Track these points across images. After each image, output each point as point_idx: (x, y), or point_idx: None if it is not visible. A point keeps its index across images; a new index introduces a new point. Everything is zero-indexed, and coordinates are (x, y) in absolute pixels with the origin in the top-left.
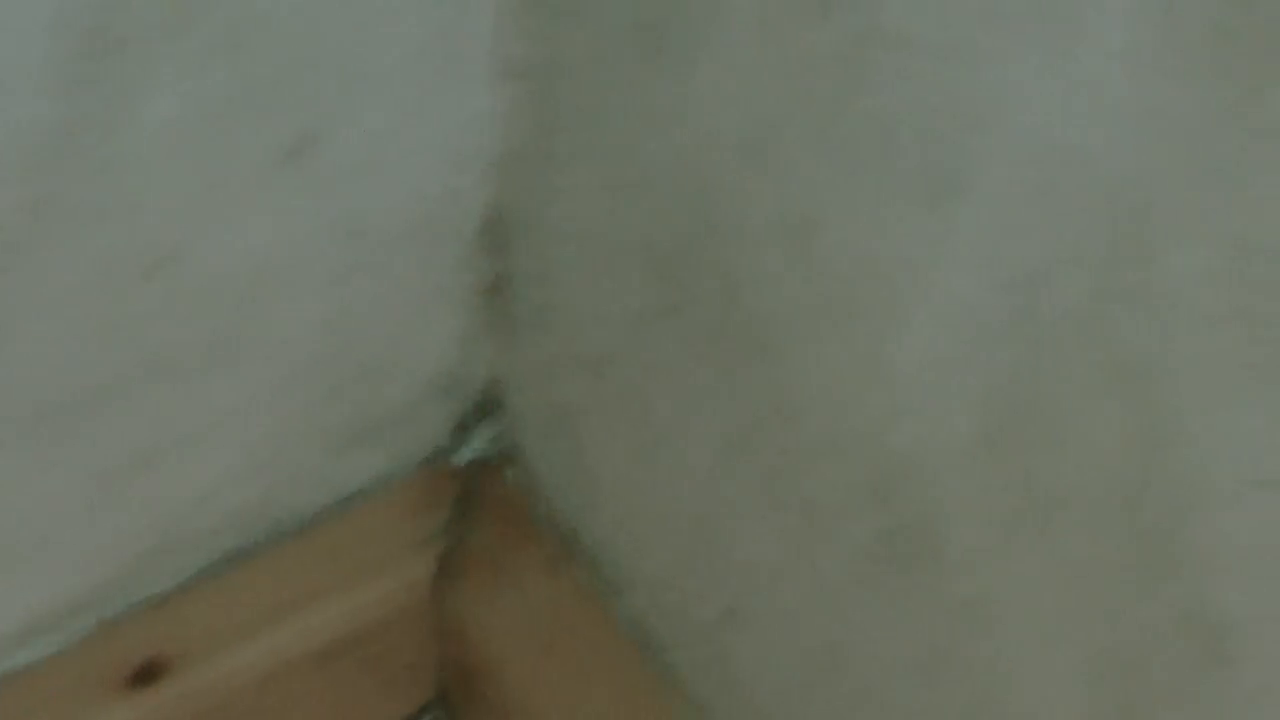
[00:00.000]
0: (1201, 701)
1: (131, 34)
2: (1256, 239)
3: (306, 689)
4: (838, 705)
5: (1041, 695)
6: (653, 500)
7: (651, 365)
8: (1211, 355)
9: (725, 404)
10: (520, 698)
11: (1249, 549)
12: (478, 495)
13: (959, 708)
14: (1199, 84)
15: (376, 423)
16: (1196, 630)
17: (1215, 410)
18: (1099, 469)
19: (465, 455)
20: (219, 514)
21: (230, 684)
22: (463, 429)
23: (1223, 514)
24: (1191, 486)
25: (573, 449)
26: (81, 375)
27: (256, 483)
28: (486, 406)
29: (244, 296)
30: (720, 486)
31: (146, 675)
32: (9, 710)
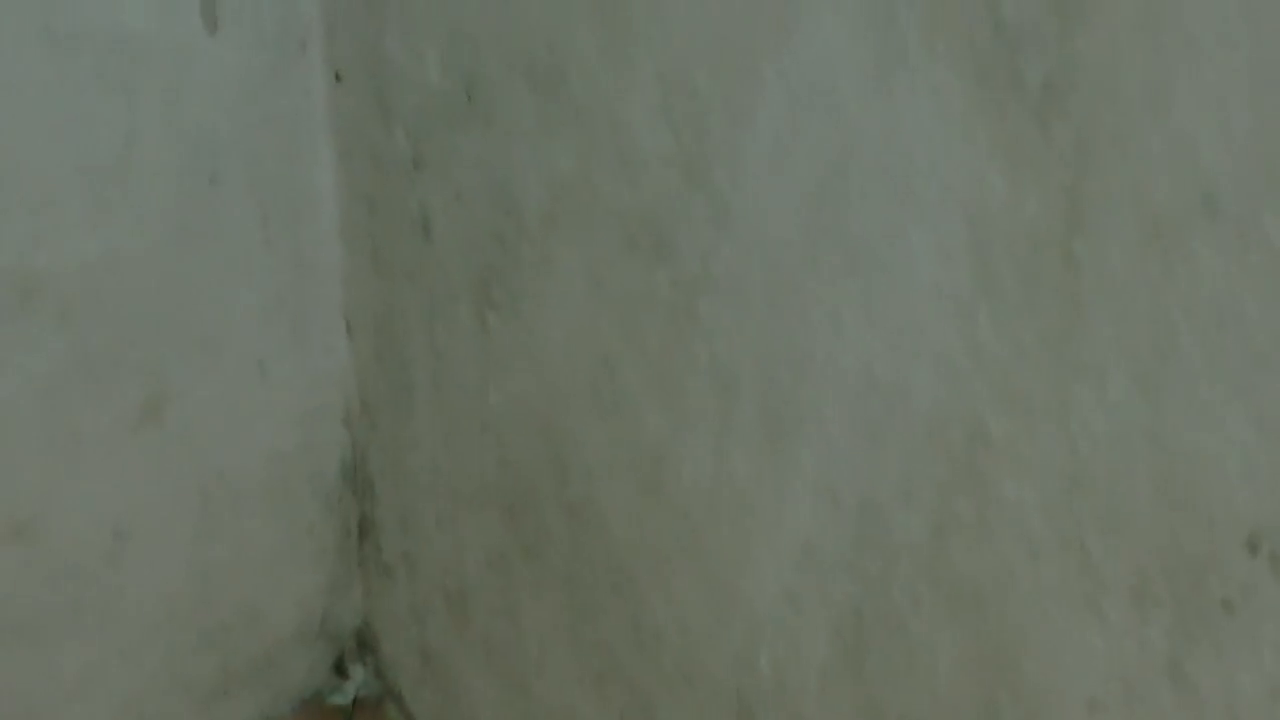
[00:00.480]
0: None
1: None
2: (1082, 471)
3: None
4: None
5: None
6: None
7: (512, 604)
8: (1046, 584)
9: (587, 638)
10: None
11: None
12: None
13: None
14: (1014, 324)
15: (249, 670)
16: None
17: (1051, 636)
18: (950, 689)
19: (344, 697)
20: None
21: None
22: (339, 671)
23: (1065, 691)
24: (1033, 708)
25: (445, 687)
26: None
27: None
28: (362, 648)
29: (104, 558)
30: (589, 718)
31: None
32: None
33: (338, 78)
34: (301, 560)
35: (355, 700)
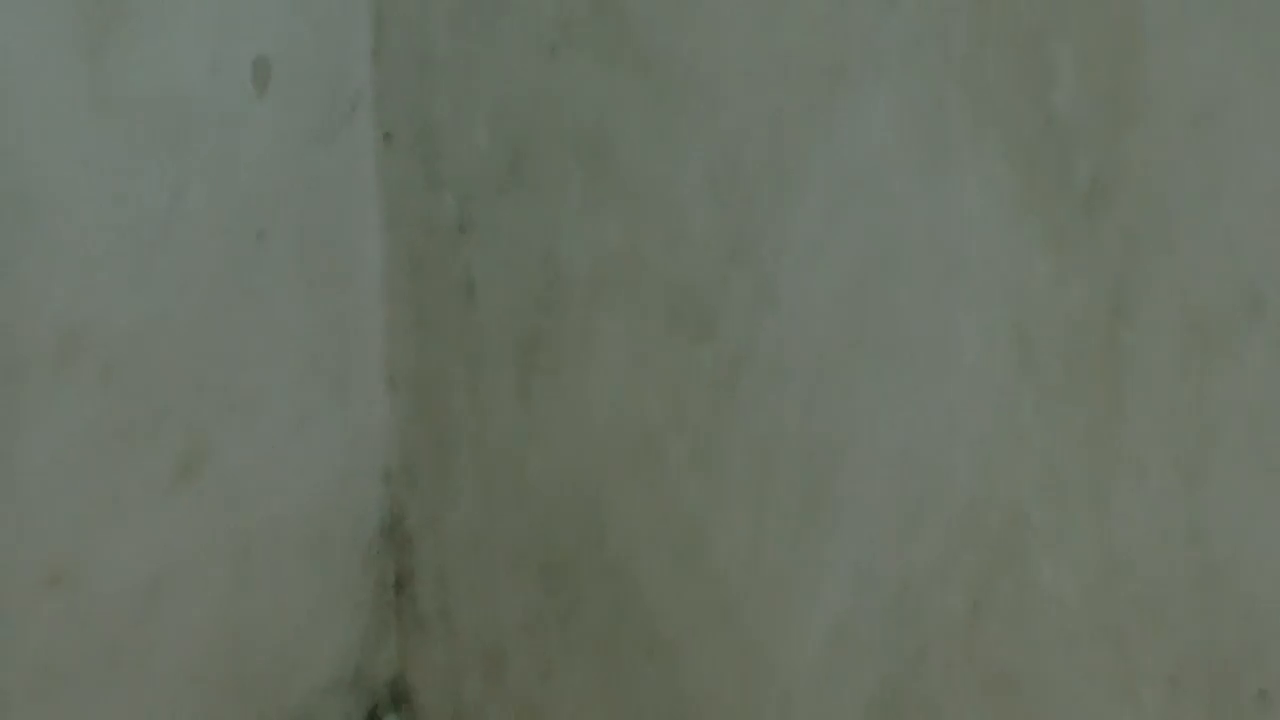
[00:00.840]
0: None
1: (21, 365)
2: (1121, 560)
3: None
4: None
5: None
6: None
7: (547, 665)
8: (1081, 670)
9: (621, 704)
10: None
11: None
12: None
13: None
14: (1056, 411)
15: (285, 717)
16: None
17: (1083, 707)
18: None
19: None
20: None
21: None
22: None
23: None
24: None
25: None
26: None
27: None
28: (397, 701)
29: (142, 608)
30: None
31: None
32: None
33: (387, 138)
34: (338, 613)
35: None
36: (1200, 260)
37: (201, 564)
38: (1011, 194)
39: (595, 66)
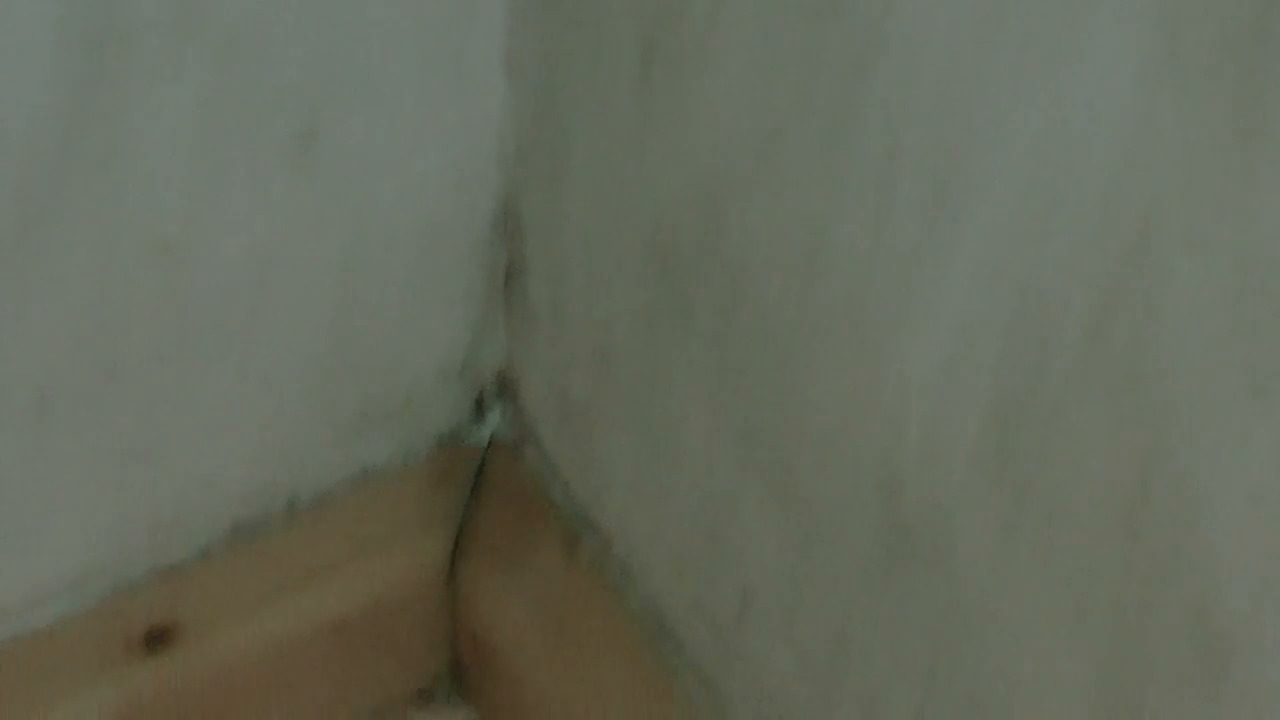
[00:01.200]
0: (1206, 706)
1: (137, 33)
2: (1262, 255)
3: (317, 662)
4: (845, 697)
5: (1045, 698)
6: (663, 490)
7: (658, 359)
8: (1213, 372)
9: (731, 400)
10: (531, 678)
11: (1246, 559)
12: (492, 477)
13: (961, 708)
14: (1199, 105)
15: (389, 406)
16: (1201, 635)
17: (1214, 427)
18: (1101, 475)
19: (480, 437)
20: (231, 491)
21: (241, 653)
22: (479, 411)
23: (1222, 524)
24: (1192, 497)
25: (584, 435)
26: (92, 357)
27: (268, 463)
28: (502, 390)
29: (251, 285)
30: (728, 480)
31: (157, 641)
32: (21, 672)
33: None
34: (447, 301)
35: (492, 440)
36: None
37: (313, 244)
38: None
39: None
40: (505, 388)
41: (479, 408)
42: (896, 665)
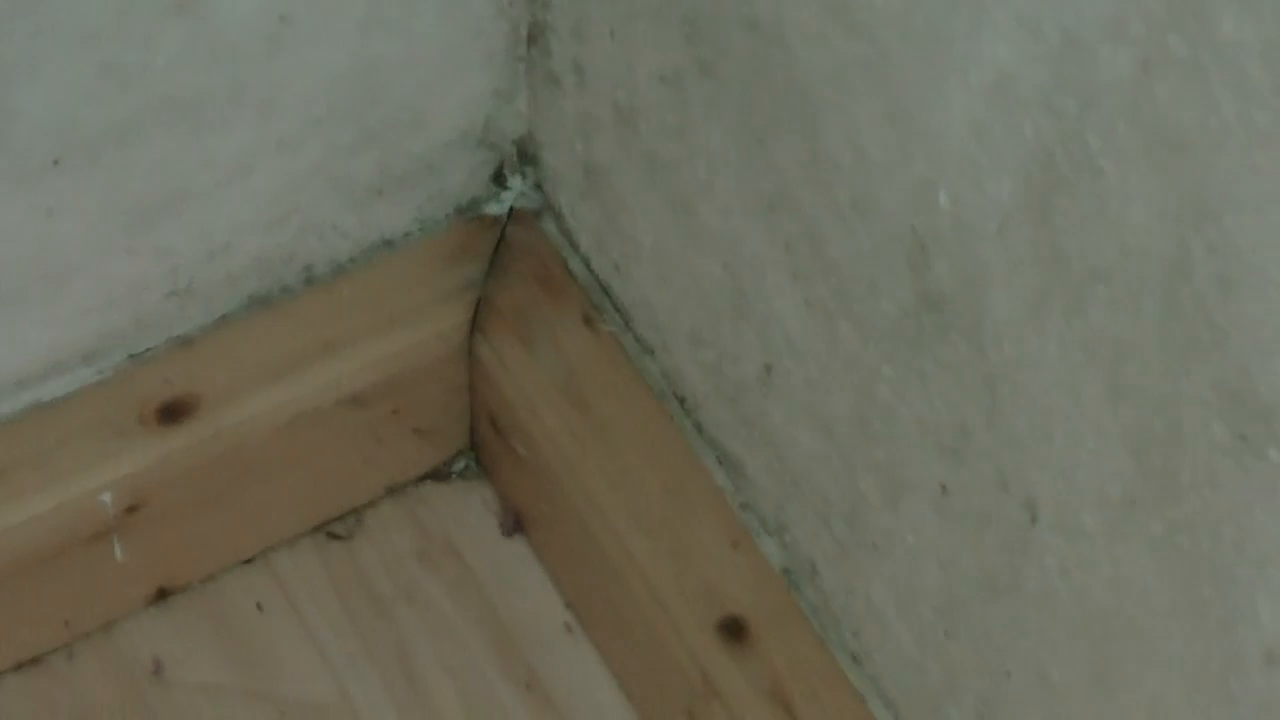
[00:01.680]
0: (1239, 479)
1: None
2: None
3: (336, 433)
4: (867, 468)
5: (1075, 472)
6: (685, 259)
7: (685, 123)
8: (1258, 132)
9: (758, 164)
10: (551, 450)
11: None
12: (512, 248)
13: (988, 482)
14: None
15: (408, 172)
16: (1236, 406)
17: (1259, 190)
18: (1139, 241)
19: (500, 207)
20: (247, 258)
21: (259, 425)
22: (498, 181)
23: (1264, 296)
24: (1232, 263)
25: (606, 205)
26: (104, 114)
27: (285, 229)
28: (523, 159)
29: (268, 40)
30: (753, 249)
31: (174, 413)
32: (37, 442)
33: None
34: (468, 63)
35: (511, 211)
36: None
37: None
38: None
39: None
40: (526, 156)
41: (499, 177)
42: (922, 436)
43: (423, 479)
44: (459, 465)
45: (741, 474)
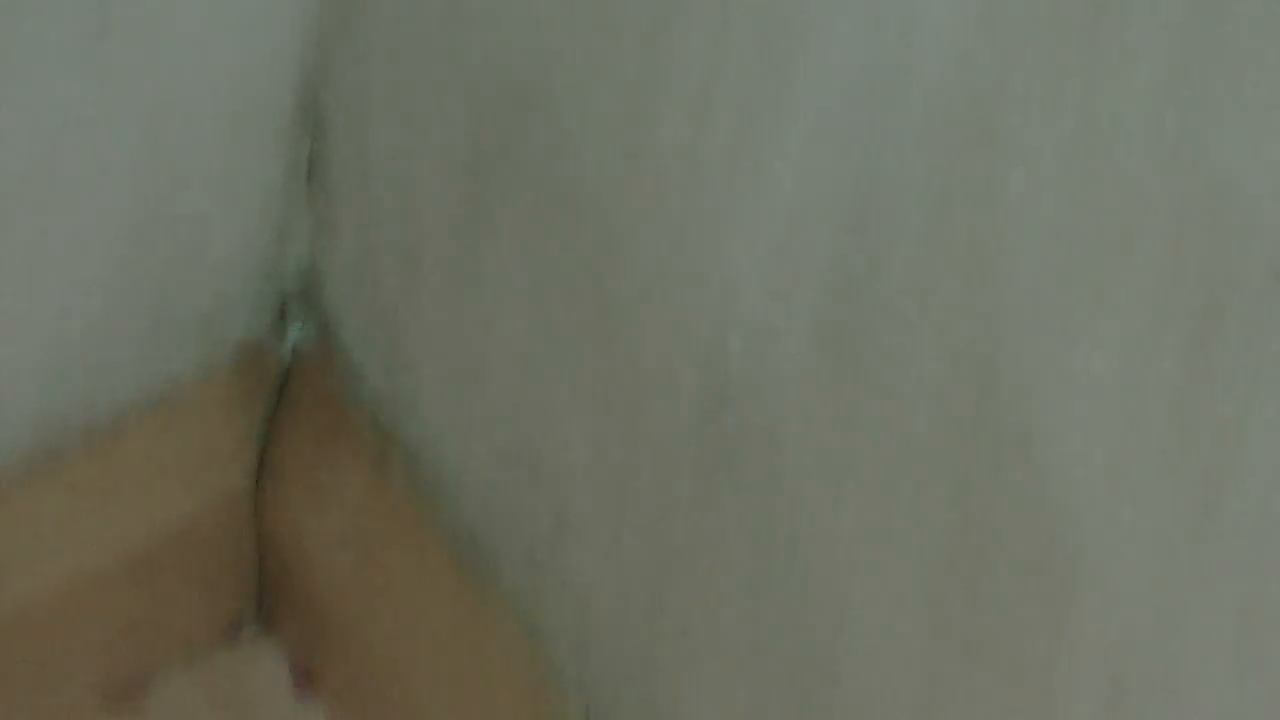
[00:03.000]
0: (1039, 594)
1: None
2: (1100, 171)
3: (118, 596)
4: (669, 625)
5: (876, 611)
6: (474, 402)
7: (470, 259)
8: (1054, 292)
9: (547, 302)
10: (340, 605)
11: (1087, 464)
12: (298, 389)
13: (791, 625)
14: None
15: (187, 316)
16: (1040, 545)
17: (1057, 323)
18: (939, 379)
19: (284, 348)
20: (21, 413)
21: (37, 590)
22: (283, 318)
23: (1062, 431)
24: (1033, 403)
25: (392, 342)
26: None
27: (60, 381)
28: (306, 298)
29: (39, 184)
30: (543, 390)
31: None
32: None
33: None
34: (247, 201)
35: (296, 350)
36: None
37: (106, 137)
38: None
39: None
40: (309, 295)
41: (283, 314)
42: (723, 584)
43: (211, 640)
44: (248, 625)
45: (537, 626)
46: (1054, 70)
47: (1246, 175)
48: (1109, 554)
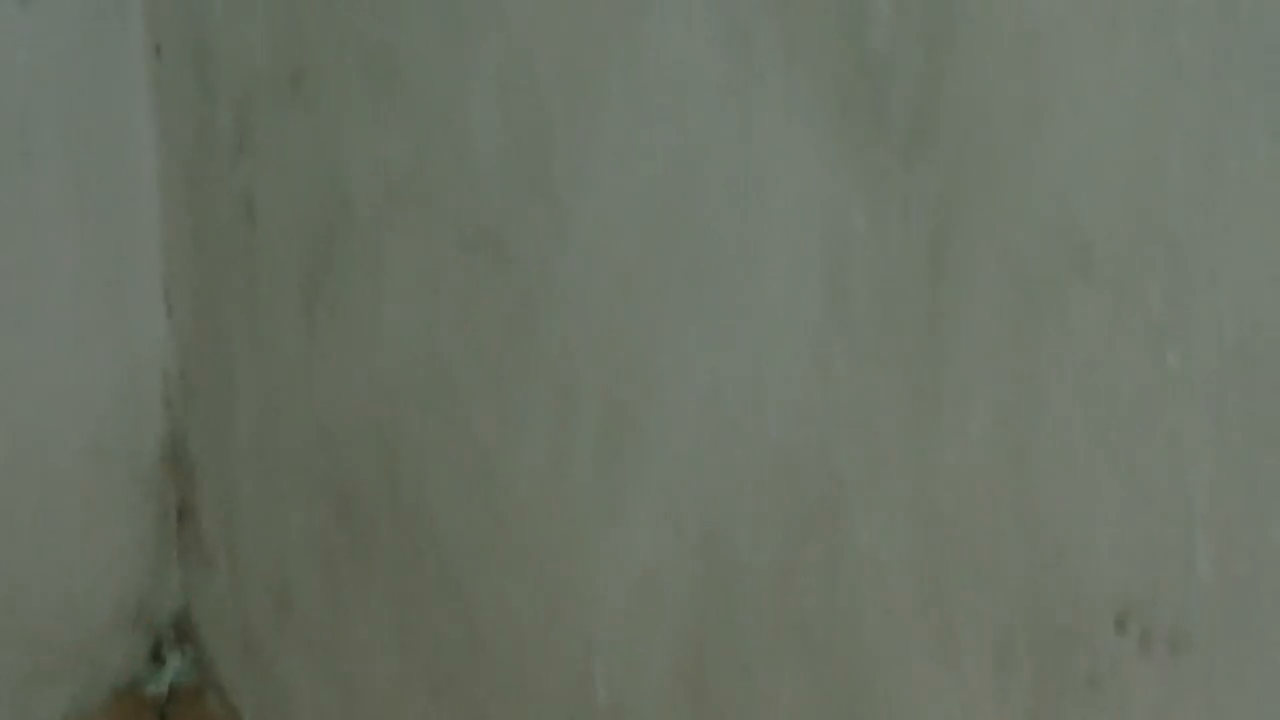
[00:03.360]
0: None
1: None
2: (942, 522)
3: None
4: None
5: None
6: None
7: (338, 599)
8: (900, 636)
9: (416, 642)
10: None
11: None
12: None
13: None
14: (871, 359)
15: (62, 658)
16: None
17: (905, 692)
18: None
19: (159, 686)
20: None
21: None
22: (156, 659)
23: None
24: None
25: (267, 681)
26: None
27: None
28: (180, 636)
29: None
30: None
31: None
32: None
33: (158, 51)
34: (118, 544)
35: (172, 689)
36: (1024, 204)
37: None
38: (825, 133)
39: None
40: (183, 633)
41: (157, 655)
42: None
43: None
44: None
45: None
46: (892, 435)
47: (1068, 527)
48: None
